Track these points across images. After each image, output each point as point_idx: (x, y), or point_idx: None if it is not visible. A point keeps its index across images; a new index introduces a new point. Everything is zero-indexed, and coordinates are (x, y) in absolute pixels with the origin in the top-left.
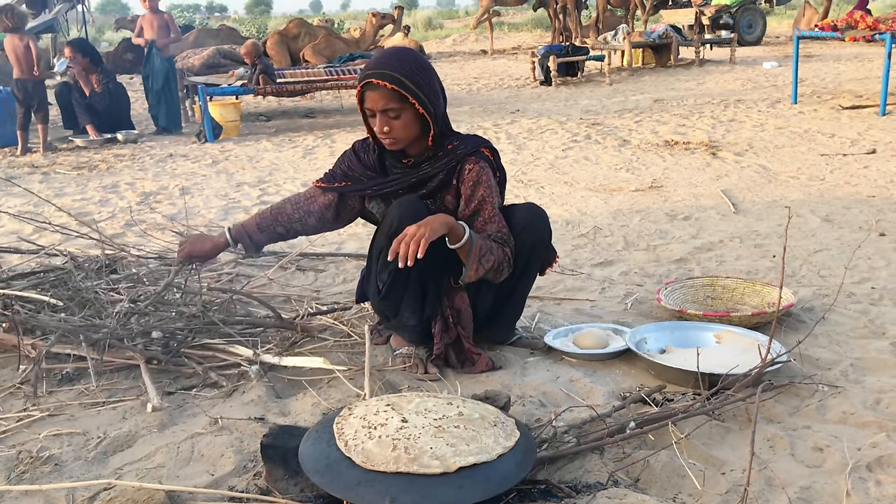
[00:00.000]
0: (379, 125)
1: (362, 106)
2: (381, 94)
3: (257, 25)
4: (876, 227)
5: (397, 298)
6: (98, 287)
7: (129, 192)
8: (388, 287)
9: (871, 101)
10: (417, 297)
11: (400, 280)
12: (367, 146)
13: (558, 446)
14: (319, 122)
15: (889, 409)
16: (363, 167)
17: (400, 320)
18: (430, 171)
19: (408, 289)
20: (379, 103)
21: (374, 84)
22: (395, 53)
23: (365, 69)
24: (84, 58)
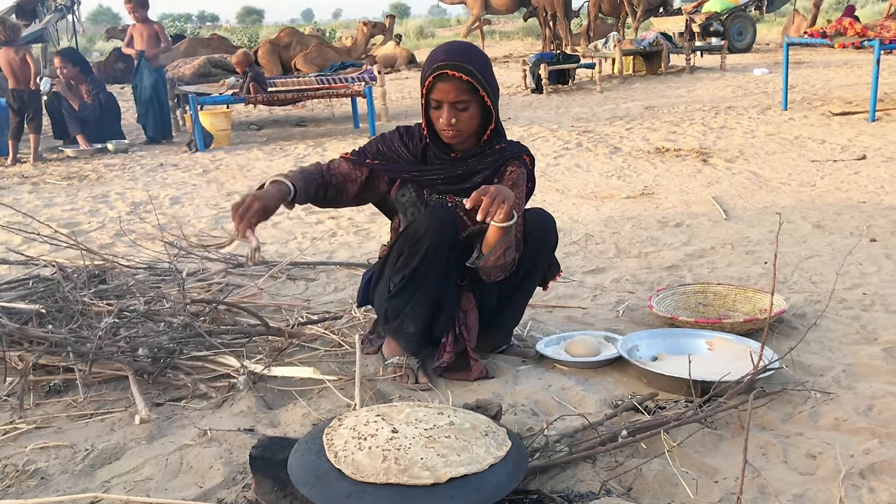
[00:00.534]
0: (447, 117)
1: (428, 96)
2: (455, 85)
3: (249, 35)
4: (867, 232)
5: (404, 303)
6: (86, 298)
7: (119, 202)
8: (400, 289)
9: (860, 108)
10: (423, 306)
11: (412, 285)
12: (413, 133)
13: (550, 455)
14: (311, 130)
15: (881, 416)
16: (406, 151)
17: (400, 324)
18: (477, 166)
19: (415, 296)
20: (451, 94)
21: (449, 75)
22: (464, 46)
23: (435, 60)
24: (74, 67)
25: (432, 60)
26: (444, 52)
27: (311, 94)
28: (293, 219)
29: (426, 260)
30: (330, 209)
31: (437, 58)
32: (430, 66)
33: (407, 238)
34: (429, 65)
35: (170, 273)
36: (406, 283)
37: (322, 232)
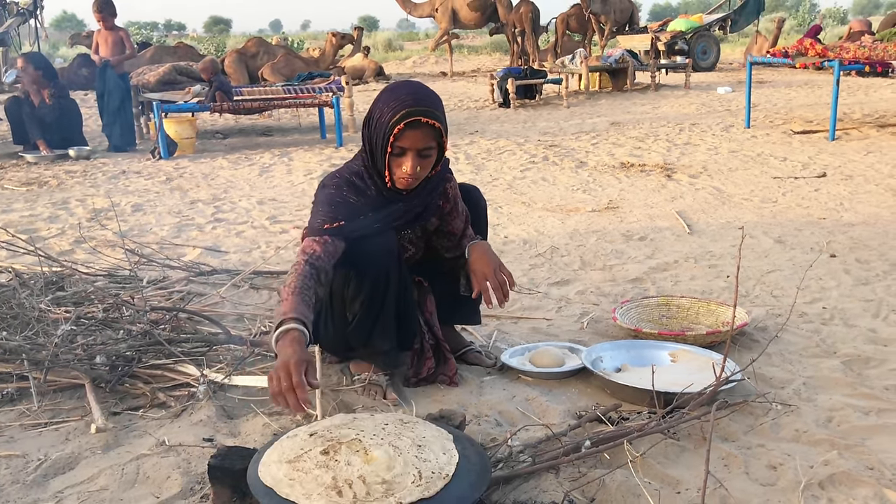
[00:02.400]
0: (412, 165)
1: (393, 144)
2: (425, 132)
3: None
4: (827, 248)
5: (368, 327)
6: (42, 304)
7: (80, 209)
8: (361, 317)
9: (821, 127)
10: (390, 322)
11: (374, 307)
12: (360, 182)
13: (514, 466)
14: (277, 140)
15: (840, 427)
16: (363, 202)
17: (372, 349)
18: (429, 198)
19: (381, 316)
20: (420, 142)
21: (421, 122)
22: (426, 89)
23: (403, 105)
24: (36, 70)
25: (399, 105)
26: (411, 97)
27: (278, 103)
28: (257, 228)
29: (379, 279)
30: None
31: (406, 103)
32: (398, 111)
33: (352, 263)
34: (394, 109)
35: (130, 280)
36: (366, 308)
37: (286, 241)
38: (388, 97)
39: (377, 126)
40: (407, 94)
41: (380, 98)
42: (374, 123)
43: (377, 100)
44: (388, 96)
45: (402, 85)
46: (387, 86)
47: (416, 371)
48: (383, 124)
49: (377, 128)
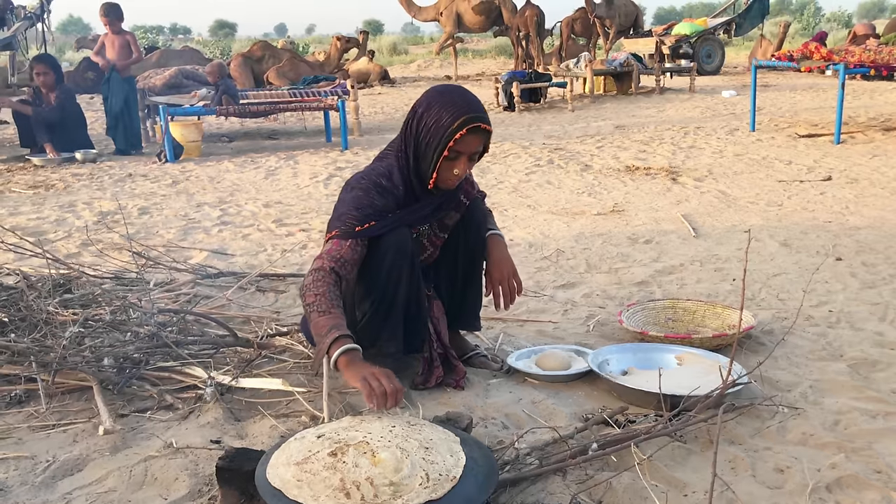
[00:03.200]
0: (462, 168)
1: (451, 148)
2: (481, 138)
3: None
4: (832, 251)
5: (376, 327)
6: (50, 307)
7: (87, 212)
8: (372, 314)
9: (826, 130)
10: (399, 323)
11: (383, 307)
12: (387, 183)
13: (521, 468)
14: (282, 143)
15: (847, 431)
16: (391, 202)
17: (379, 350)
18: (455, 193)
19: (390, 316)
20: (476, 146)
21: (482, 128)
22: (470, 93)
23: (463, 111)
24: (52, 74)
25: (459, 111)
26: (468, 104)
27: (284, 107)
28: (263, 231)
29: (390, 279)
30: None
31: (465, 109)
32: (459, 116)
33: (365, 261)
34: (455, 115)
35: (137, 283)
36: (375, 308)
37: (292, 244)
38: (444, 101)
39: (434, 129)
40: (463, 101)
41: (431, 102)
42: (430, 126)
43: (429, 104)
44: (443, 100)
45: (453, 89)
46: (433, 90)
47: (425, 379)
48: (442, 128)
49: (434, 131)
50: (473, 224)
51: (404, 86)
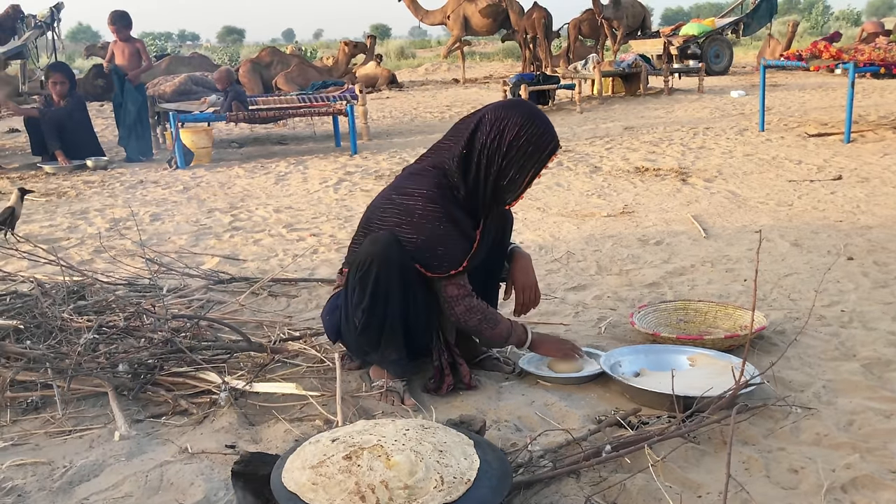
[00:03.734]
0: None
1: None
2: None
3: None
4: (844, 251)
5: (376, 335)
6: (65, 313)
7: (99, 219)
8: (364, 324)
9: (836, 129)
10: (396, 331)
11: (375, 316)
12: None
13: (534, 471)
14: (292, 148)
15: (862, 431)
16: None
17: (382, 355)
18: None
19: (385, 325)
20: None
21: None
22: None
23: (551, 132)
24: (67, 82)
25: (549, 133)
26: (547, 123)
27: (293, 112)
28: (275, 236)
29: (380, 288)
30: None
31: (552, 130)
32: (551, 139)
33: (356, 272)
34: (547, 138)
35: (150, 289)
36: (369, 316)
37: (303, 249)
38: (531, 122)
39: (532, 151)
40: (544, 122)
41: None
42: (526, 148)
43: (511, 123)
44: (531, 121)
45: (533, 110)
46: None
47: (437, 387)
48: (542, 149)
49: (531, 153)
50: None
51: (412, 89)
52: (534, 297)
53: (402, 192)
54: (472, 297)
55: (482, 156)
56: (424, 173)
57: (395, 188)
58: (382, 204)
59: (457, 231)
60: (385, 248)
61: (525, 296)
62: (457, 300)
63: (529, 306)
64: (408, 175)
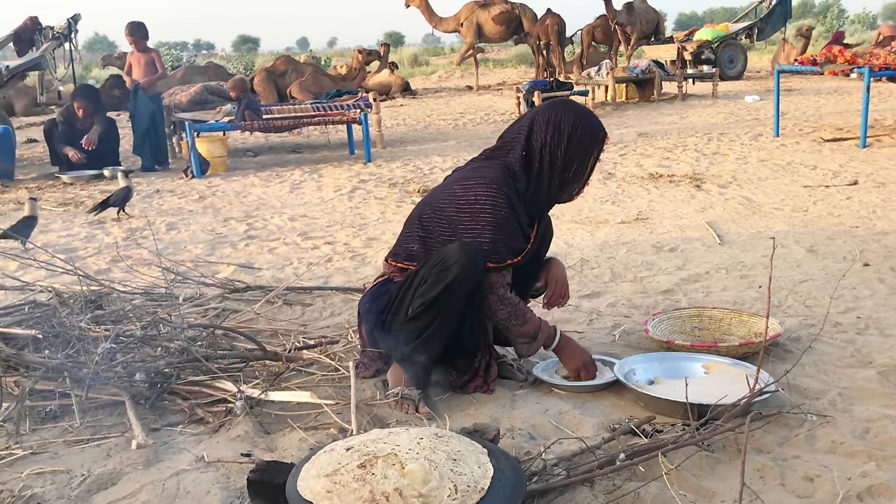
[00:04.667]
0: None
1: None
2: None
3: (244, 63)
4: (860, 257)
5: (421, 328)
6: (82, 323)
7: (116, 228)
8: (419, 313)
9: (851, 134)
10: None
11: (432, 311)
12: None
13: (548, 479)
14: (306, 157)
15: (878, 439)
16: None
17: (413, 353)
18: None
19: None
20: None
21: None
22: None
23: (601, 124)
24: (91, 106)
25: (599, 125)
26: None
27: (307, 121)
28: (289, 244)
29: (449, 290)
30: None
31: (600, 122)
32: (601, 129)
33: (434, 265)
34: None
35: (166, 298)
36: (426, 308)
37: (318, 257)
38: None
39: (589, 140)
40: (591, 114)
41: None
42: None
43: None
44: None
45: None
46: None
47: (465, 384)
48: (596, 137)
49: (588, 142)
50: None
51: (426, 97)
52: (564, 291)
53: (464, 183)
54: (507, 289)
55: (544, 153)
56: (488, 166)
57: (456, 180)
58: (442, 193)
59: (517, 221)
60: (472, 259)
61: (557, 288)
62: (493, 288)
63: (558, 300)
64: (469, 170)
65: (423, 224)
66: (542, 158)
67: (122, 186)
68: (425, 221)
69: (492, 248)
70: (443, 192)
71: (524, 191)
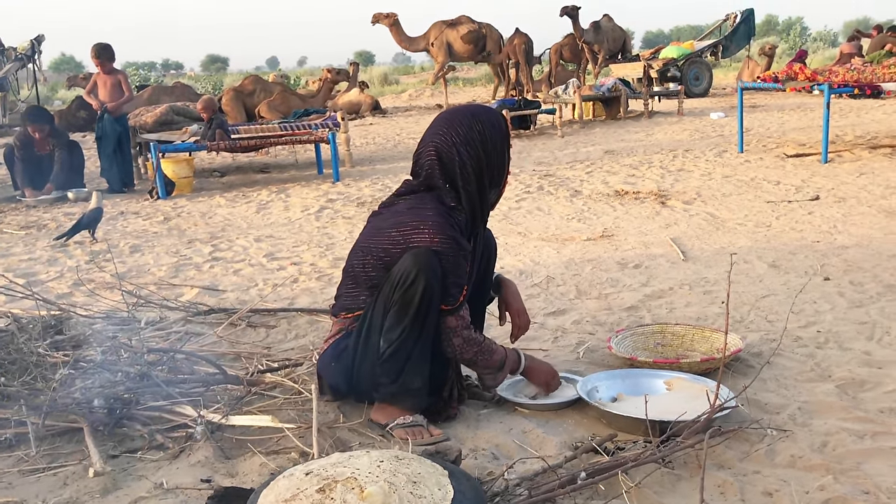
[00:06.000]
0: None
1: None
2: None
3: (213, 82)
4: (821, 271)
5: (402, 359)
6: (41, 349)
7: (79, 251)
8: (397, 346)
9: (813, 150)
10: (426, 355)
11: (411, 337)
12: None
13: (510, 499)
14: (274, 176)
15: (836, 452)
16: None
17: (402, 384)
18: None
19: (416, 348)
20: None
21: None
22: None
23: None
24: (45, 126)
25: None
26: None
27: (275, 140)
28: (255, 265)
29: (423, 304)
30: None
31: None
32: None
33: (394, 288)
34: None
35: (128, 322)
36: (405, 336)
37: (284, 278)
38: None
39: (500, 139)
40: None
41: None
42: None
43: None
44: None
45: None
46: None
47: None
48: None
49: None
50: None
51: (396, 116)
52: (526, 321)
53: (401, 229)
54: (471, 330)
55: (465, 172)
56: (423, 206)
57: (391, 225)
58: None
59: (462, 254)
60: (430, 259)
61: (521, 320)
62: (456, 332)
63: (524, 330)
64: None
65: (367, 272)
66: (467, 179)
67: (93, 207)
68: (368, 268)
69: (447, 291)
70: (377, 235)
71: (460, 211)
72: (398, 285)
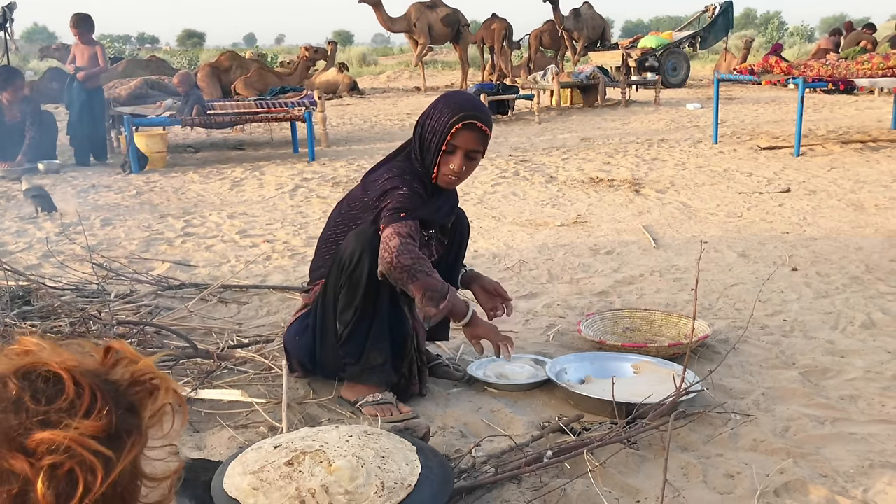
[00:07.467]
0: (458, 164)
1: (448, 142)
2: (479, 137)
3: (189, 57)
4: (789, 262)
5: (361, 338)
6: (8, 319)
7: (48, 223)
8: (353, 327)
9: (786, 143)
10: (384, 334)
11: (366, 316)
12: (418, 174)
13: (476, 476)
14: (249, 154)
15: (797, 437)
16: (425, 192)
17: (366, 363)
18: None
19: (373, 326)
20: (471, 144)
21: (477, 126)
22: (479, 100)
23: (462, 108)
24: (13, 88)
25: (458, 108)
26: (469, 103)
27: (250, 117)
28: (227, 242)
29: (371, 283)
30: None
31: (464, 107)
32: (457, 113)
33: (340, 272)
34: (453, 111)
35: (98, 295)
36: (359, 316)
37: (256, 255)
38: (447, 102)
39: (435, 125)
40: (465, 101)
41: (437, 102)
42: (432, 123)
43: (434, 104)
44: (447, 101)
45: (459, 93)
46: (443, 94)
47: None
48: (442, 123)
49: (435, 126)
50: (457, 235)
51: (373, 97)
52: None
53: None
54: (415, 243)
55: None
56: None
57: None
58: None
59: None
60: (373, 237)
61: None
62: (394, 236)
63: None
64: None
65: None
66: (416, 140)
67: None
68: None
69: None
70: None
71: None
72: (345, 267)
